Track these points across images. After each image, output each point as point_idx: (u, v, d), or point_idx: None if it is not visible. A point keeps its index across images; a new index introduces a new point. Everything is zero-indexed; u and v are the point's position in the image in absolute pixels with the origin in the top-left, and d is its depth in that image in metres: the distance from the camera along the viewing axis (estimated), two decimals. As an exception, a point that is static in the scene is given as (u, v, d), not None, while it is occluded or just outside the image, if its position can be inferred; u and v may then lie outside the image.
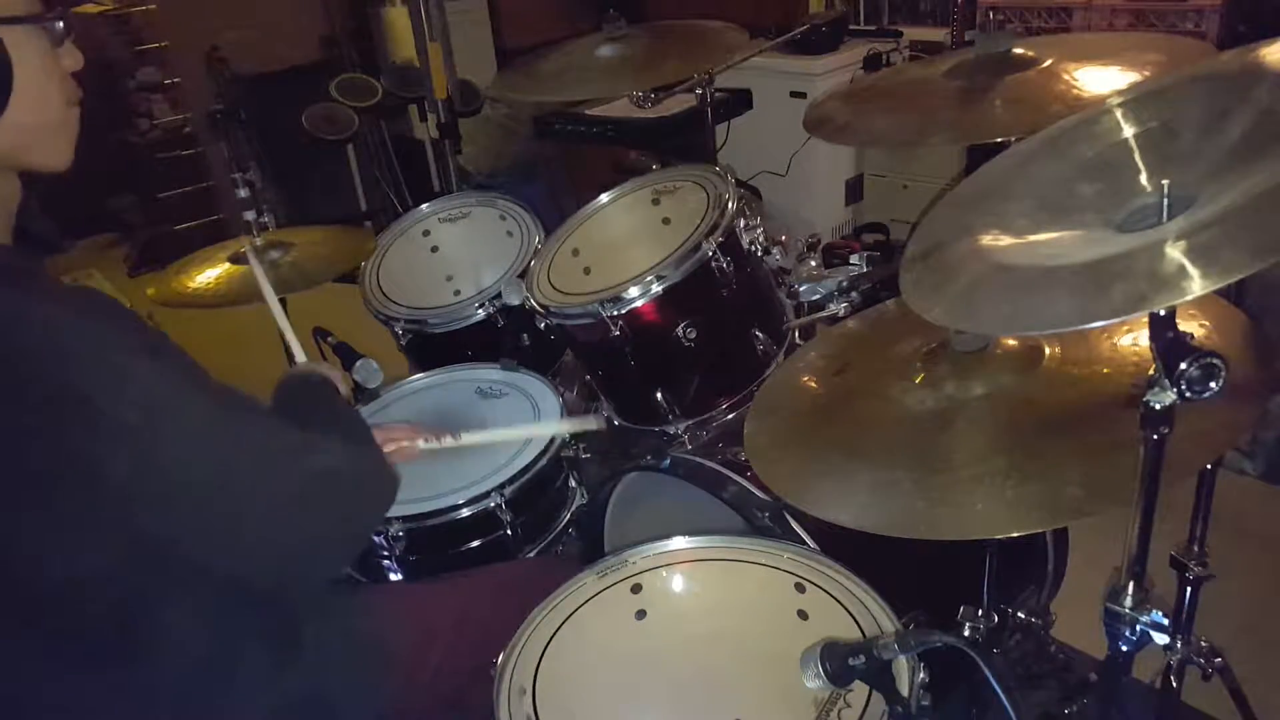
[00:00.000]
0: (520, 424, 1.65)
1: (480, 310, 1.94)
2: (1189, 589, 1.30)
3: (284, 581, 1.07)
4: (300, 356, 1.44)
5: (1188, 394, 0.79)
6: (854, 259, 1.52)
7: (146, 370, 0.89)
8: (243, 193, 1.95)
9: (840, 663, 0.87)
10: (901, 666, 0.95)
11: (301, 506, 0.99)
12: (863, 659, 0.87)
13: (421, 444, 1.47)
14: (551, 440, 1.62)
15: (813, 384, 1.29)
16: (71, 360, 0.86)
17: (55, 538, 0.90)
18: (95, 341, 0.88)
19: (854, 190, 3.72)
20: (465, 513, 1.52)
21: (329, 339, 1.81)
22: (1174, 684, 1.23)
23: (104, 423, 0.86)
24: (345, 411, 1.27)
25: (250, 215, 1.96)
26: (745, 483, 1.39)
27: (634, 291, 1.59)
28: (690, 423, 1.73)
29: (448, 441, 1.47)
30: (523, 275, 1.83)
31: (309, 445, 1.02)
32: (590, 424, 1.63)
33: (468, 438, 1.51)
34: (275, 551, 0.99)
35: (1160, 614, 0.95)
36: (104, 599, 0.94)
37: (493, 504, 1.52)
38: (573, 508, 1.71)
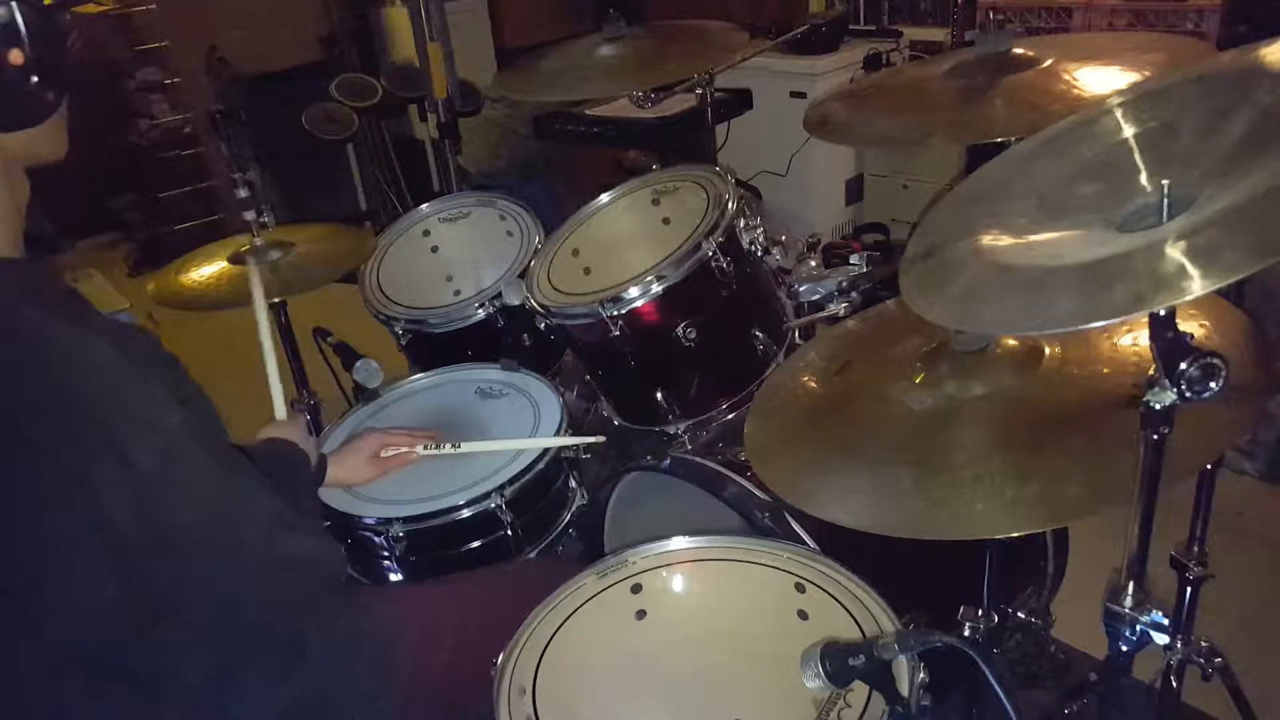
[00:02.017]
0: (520, 436, 1.64)
1: (480, 310, 1.94)
2: (1189, 589, 1.30)
3: (270, 618, 1.09)
4: (280, 414, 1.43)
5: (1188, 394, 0.79)
6: (854, 259, 1.52)
7: (174, 422, 0.90)
8: (243, 193, 1.94)
9: (840, 663, 0.87)
10: (901, 666, 0.95)
11: (278, 574, 1.03)
12: (863, 659, 0.87)
13: (420, 450, 1.47)
14: (551, 443, 1.62)
15: (813, 384, 1.28)
16: (108, 400, 0.87)
17: (57, 564, 0.90)
18: (134, 385, 0.89)
19: (854, 190, 3.72)
20: (465, 513, 1.52)
21: (329, 339, 1.81)
22: (1174, 684, 1.23)
23: (122, 465, 0.86)
24: (309, 493, 1.33)
25: (250, 215, 1.95)
26: (745, 483, 1.39)
27: (634, 291, 1.59)
28: (690, 423, 1.73)
29: (447, 450, 1.47)
30: (523, 275, 1.83)
31: (285, 522, 1.04)
32: (591, 440, 1.63)
33: (467, 447, 1.51)
34: (252, 600, 1.02)
35: (1160, 614, 0.95)
36: (106, 623, 0.95)
37: (493, 505, 1.52)
38: (573, 508, 1.71)
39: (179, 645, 0.99)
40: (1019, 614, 1.50)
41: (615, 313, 1.59)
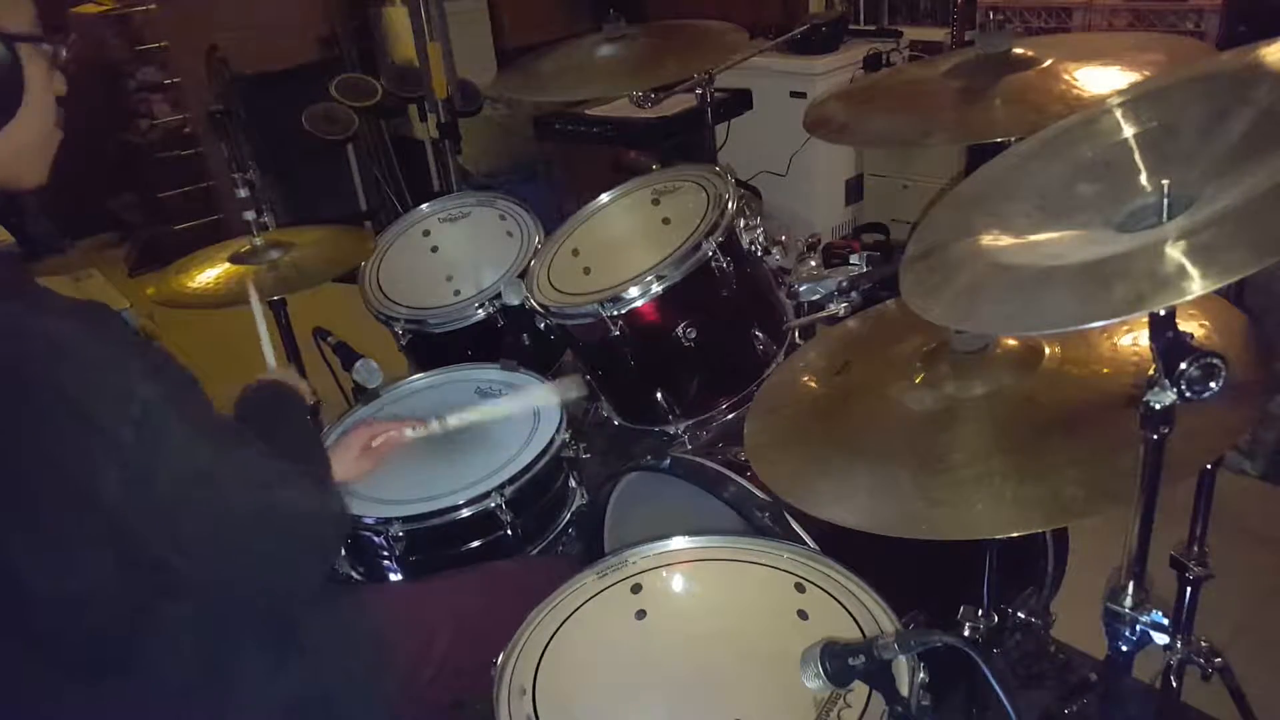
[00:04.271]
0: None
1: (480, 310, 1.94)
2: (1189, 589, 1.30)
3: (265, 592, 1.08)
4: (271, 364, 1.43)
5: (1188, 394, 0.79)
6: (854, 259, 1.52)
7: (147, 391, 0.90)
8: (243, 193, 1.95)
9: (840, 663, 0.87)
10: (901, 666, 0.95)
11: (270, 536, 1.01)
12: (863, 659, 0.87)
13: (409, 432, 1.46)
14: (551, 440, 1.61)
15: (813, 384, 1.28)
16: (78, 377, 0.86)
17: (47, 553, 0.90)
18: (102, 359, 0.89)
19: (854, 190, 3.72)
20: (465, 513, 1.52)
21: (329, 339, 1.81)
22: (1174, 684, 1.23)
23: (101, 441, 0.86)
24: (308, 435, 1.31)
25: (250, 215, 1.95)
26: (745, 483, 1.39)
27: (634, 291, 1.59)
28: (690, 423, 1.73)
29: (434, 426, 1.46)
30: (523, 275, 1.83)
31: (284, 481, 1.03)
32: (572, 390, 1.62)
33: (455, 420, 1.50)
34: (248, 571, 1.01)
35: (1160, 614, 0.95)
36: (99, 611, 0.94)
37: (493, 504, 1.52)
38: (573, 508, 1.71)
39: (176, 632, 0.99)
40: (1019, 614, 1.49)
41: (615, 313, 1.59)
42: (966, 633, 1.37)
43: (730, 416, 1.71)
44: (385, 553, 1.54)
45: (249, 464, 1.00)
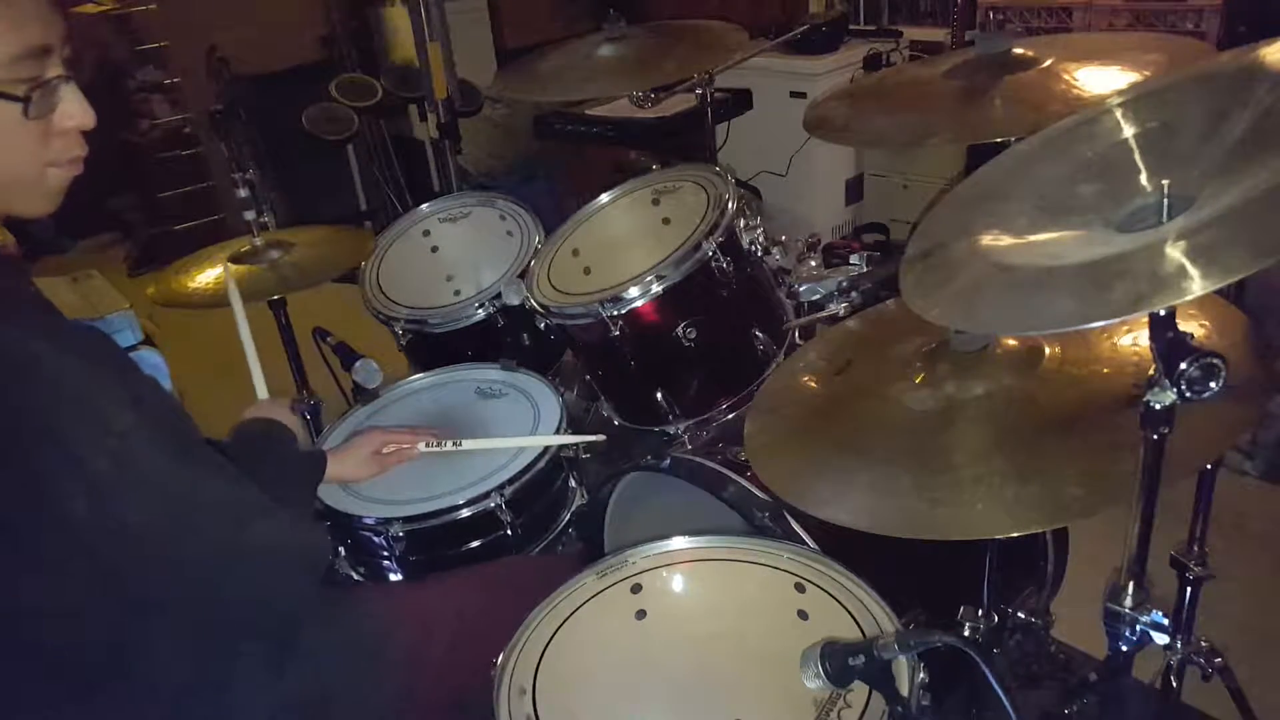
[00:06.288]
0: (521, 434, 1.65)
1: (480, 310, 1.94)
2: (1189, 589, 1.30)
3: (244, 611, 1.07)
4: (262, 393, 1.44)
5: (1188, 394, 0.79)
6: (854, 259, 1.52)
7: (126, 421, 0.90)
8: (243, 193, 1.94)
9: (840, 663, 0.87)
10: (901, 666, 0.95)
11: (240, 567, 1.00)
12: (863, 659, 0.87)
13: (422, 447, 1.47)
14: (551, 440, 1.62)
15: (813, 384, 1.28)
16: (58, 404, 0.86)
17: (25, 571, 0.90)
18: (85, 388, 0.88)
19: (854, 190, 3.72)
20: (465, 513, 1.52)
21: (329, 339, 1.81)
22: (1174, 684, 1.23)
23: (75, 468, 0.86)
24: (296, 469, 1.31)
25: (250, 215, 1.95)
26: (745, 483, 1.39)
27: (634, 291, 1.59)
28: (690, 423, 1.73)
29: (448, 447, 1.47)
30: (523, 275, 1.83)
31: (260, 511, 1.03)
32: (592, 438, 1.63)
33: (469, 444, 1.51)
34: (220, 596, 1.00)
35: (1160, 614, 0.95)
36: (85, 623, 0.94)
37: (493, 504, 1.52)
38: (573, 508, 1.71)
39: (162, 643, 0.99)
40: (1019, 614, 1.49)
41: (615, 313, 1.59)
42: (966, 633, 1.37)
43: (730, 416, 1.70)
44: (385, 553, 1.54)
45: (225, 496, 1.00)
